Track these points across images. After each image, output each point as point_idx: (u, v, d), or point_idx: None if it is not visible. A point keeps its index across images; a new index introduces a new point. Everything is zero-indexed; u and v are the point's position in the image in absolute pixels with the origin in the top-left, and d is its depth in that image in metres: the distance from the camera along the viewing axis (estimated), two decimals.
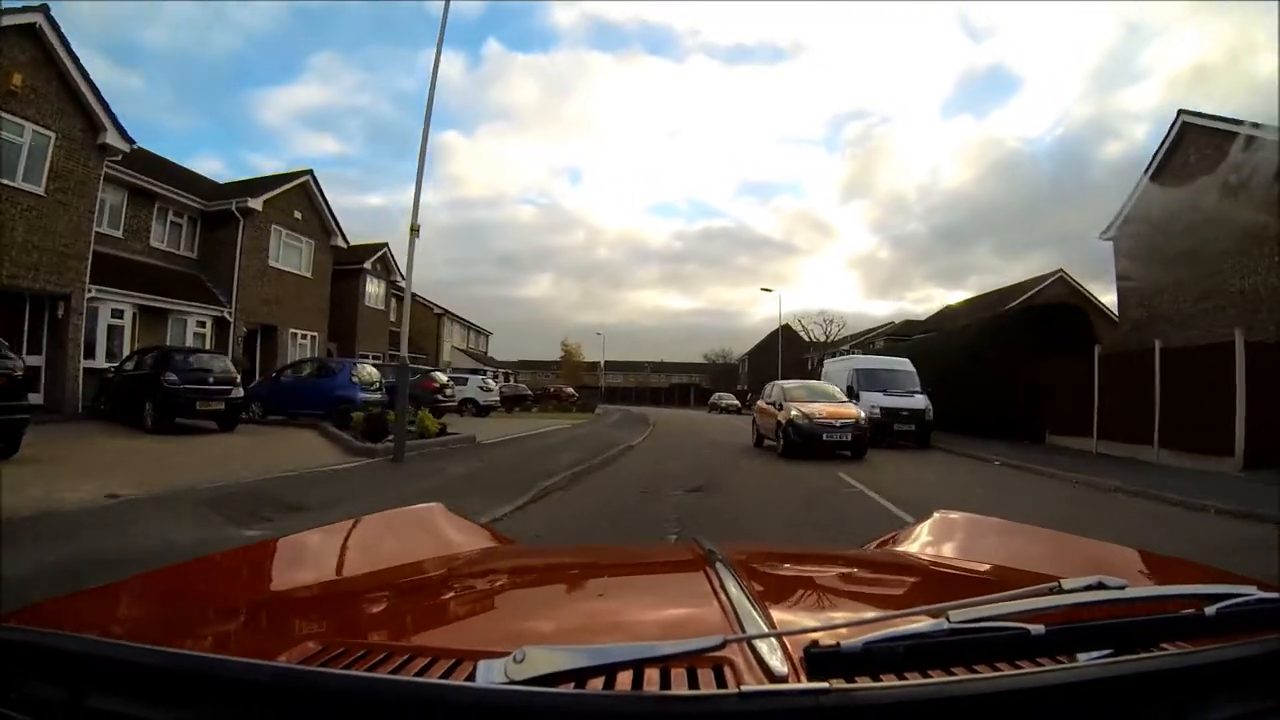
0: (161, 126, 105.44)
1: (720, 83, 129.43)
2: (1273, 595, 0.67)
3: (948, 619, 0.59)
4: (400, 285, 29.52)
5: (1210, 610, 0.64)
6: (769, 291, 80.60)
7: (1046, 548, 1.41)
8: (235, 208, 18.10)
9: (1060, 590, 0.67)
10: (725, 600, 0.87)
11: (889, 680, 0.59)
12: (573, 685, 0.56)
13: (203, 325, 17.37)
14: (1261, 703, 0.60)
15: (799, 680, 0.60)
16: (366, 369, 14.09)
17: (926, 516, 1.70)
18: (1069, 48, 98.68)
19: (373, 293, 25.61)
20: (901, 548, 1.58)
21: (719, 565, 1.03)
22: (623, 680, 0.60)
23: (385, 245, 25.73)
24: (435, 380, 15.78)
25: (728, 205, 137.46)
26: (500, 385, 29.66)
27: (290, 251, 20.16)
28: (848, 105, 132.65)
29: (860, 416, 11.92)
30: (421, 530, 1.56)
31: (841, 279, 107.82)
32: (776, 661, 0.64)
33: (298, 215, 20.34)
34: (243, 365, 17.77)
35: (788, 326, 46.00)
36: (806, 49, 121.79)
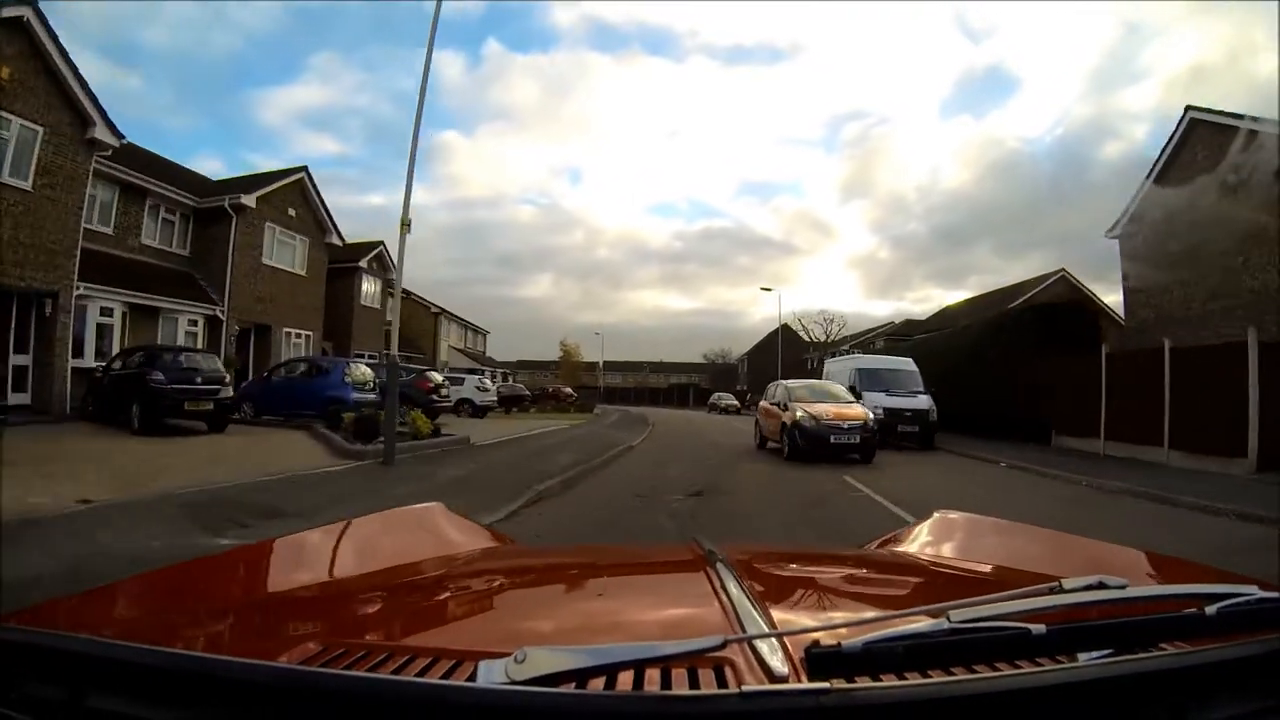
0: (161, 126, 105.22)
1: (719, 83, 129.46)
2: (1273, 595, 0.67)
3: (948, 619, 0.59)
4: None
5: (1211, 610, 0.64)
6: (769, 291, 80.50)
7: (1046, 548, 1.40)
8: (228, 204, 17.84)
9: (1060, 590, 0.67)
10: (725, 600, 0.87)
11: (889, 680, 0.58)
12: (574, 685, 0.56)
13: (194, 324, 17.09)
14: (1262, 702, 0.60)
15: (800, 680, 0.59)
16: (360, 369, 13.80)
17: (927, 516, 1.69)
18: (1068, 48, 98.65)
19: (369, 291, 25.32)
20: (902, 548, 1.58)
21: (719, 565, 1.02)
22: (624, 680, 0.60)
23: (381, 244, 25.44)
24: (430, 380, 15.47)
25: (727, 205, 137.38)
26: (498, 385, 29.40)
27: (284, 249, 19.88)
28: (846, 106, 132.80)
29: (869, 418, 11.41)
30: (421, 530, 1.56)
31: (841, 279, 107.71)
32: (777, 662, 0.64)
33: (292, 212, 20.07)
34: (235, 365, 17.54)
35: (787, 326, 45.82)
36: (805, 49, 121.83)
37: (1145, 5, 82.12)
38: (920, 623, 0.61)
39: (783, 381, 14.01)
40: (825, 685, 0.54)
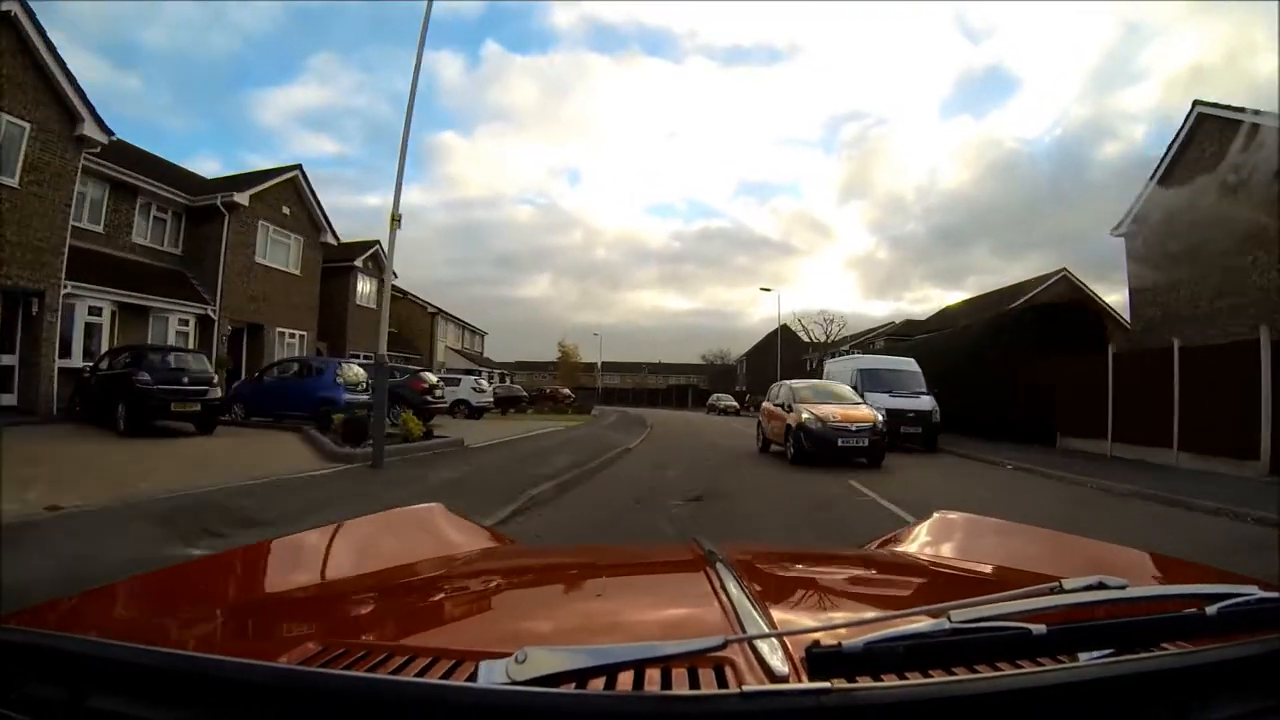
0: (160, 127, 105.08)
1: (718, 84, 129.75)
2: (1273, 595, 0.66)
3: (949, 619, 0.59)
4: (393, 283, 29.07)
5: (1211, 610, 0.63)
6: (768, 291, 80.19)
7: (1047, 548, 1.39)
8: (220, 202, 17.59)
9: (1061, 590, 0.66)
10: (726, 600, 0.87)
11: (890, 680, 0.58)
12: (574, 685, 0.56)
13: (185, 324, 16.83)
14: (1262, 702, 0.59)
15: (800, 680, 0.59)
16: (353, 369, 13.53)
17: (927, 517, 1.68)
18: (1067, 48, 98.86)
19: (364, 291, 25.02)
20: (902, 548, 1.57)
21: (719, 565, 1.02)
22: (624, 680, 0.59)
23: (377, 243, 25.12)
24: (424, 380, 15.20)
25: (726, 206, 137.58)
26: (494, 386, 29.13)
27: (278, 248, 19.62)
28: (845, 106, 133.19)
29: (878, 420, 10.91)
30: (421, 530, 1.55)
31: (840, 279, 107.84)
32: (778, 661, 0.64)
33: (286, 211, 19.82)
34: (227, 365, 17.29)
35: (786, 327, 45.64)
36: (803, 50, 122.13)
37: (1145, 5, 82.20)
38: (921, 623, 0.61)
39: (787, 381, 13.52)
40: (826, 685, 0.53)
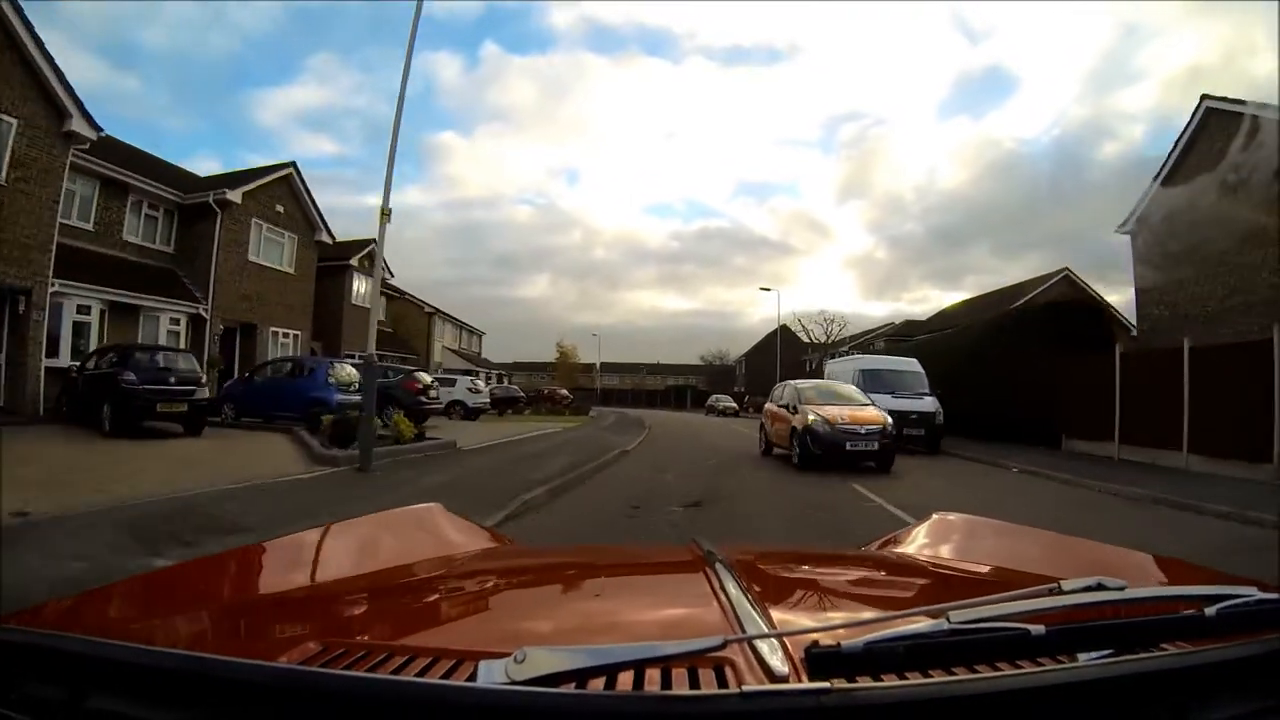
0: (160, 127, 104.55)
1: (717, 84, 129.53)
2: (1273, 596, 0.66)
3: (948, 619, 0.59)
4: (390, 282, 28.77)
5: (1210, 611, 0.63)
6: (768, 290, 79.97)
7: (1046, 549, 1.39)
8: (212, 200, 17.33)
9: (1060, 591, 0.66)
10: (725, 600, 0.86)
11: (890, 680, 0.58)
12: (574, 686, 0.56)
13: (177, 323, 16.55)
14: (1262, 703, 0.59)
15: (800, 680, 0.59)
16: (345, 369, 13.24)
17: (926, 517, 1.67)
18: (1066, 49, 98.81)
19: (360, 290, 24.68)
20: (901, 548, 1.56)
21: (718, 565, 1.01)
22: (624, 680, 0.59)
23: (372, 241, 24.82)
24: (419, 381, 14.91)
25: (724, 206, 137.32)
26: (491, 387, 28.87)
27: (272, 246, 19.35)
28: (844, 106, 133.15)
29: (887, 423, 10.42)
30: (421, 530, 1.55)
31: (838, 279, 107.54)
32: (777, 662, 0.63)
33: (280, 209, 19.55)
34: (219, 365, 17.03)
35: (785, 327, 45.37)
36: (803, 50, 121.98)
37: (1143, 5, 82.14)
38: (920, 623, 0.60)
39: (791, 382, 13.07)
40: (826, 685, 0.53)
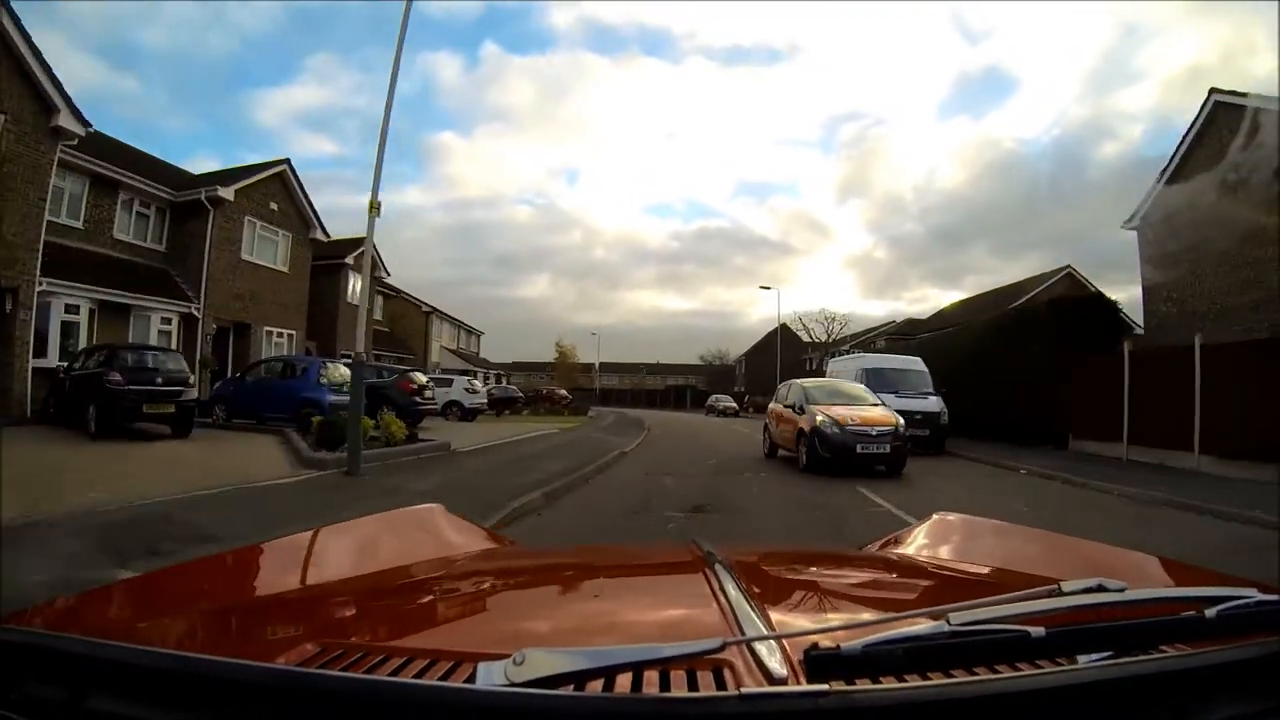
0: (159, 128, 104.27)
1: (717, 84, 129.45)
2: (1272, 597, 0.66)
3: (947, 621, 0.59)
4: (387, 281, 28.49)
5: (1210, 612, 0.63)
6: (768, 289, 79.65)
7: (1046, 549, 1.38)
8: (204, 197, 17.05)
9: (1060, 592, 0.66)
10: (724, 602, 0.86)
11: (889, 682, 0.58)
12: (572, 687, 0.56)
13: (168, 322, 16.27)
14: (1262, 704, 0.59)
15: (798, 682, 0.59)
16: (338, 369, 12.94)
17: (926, 518, 1.67)
18: (1065, 49, 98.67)
19: (356, 289, 24.45)
20: (901, 549, 1.55)
21: (718, 566, 1.01)
22: (622, 682, 0.59)
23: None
24: (413, 381, 14.63)
25: (724, 205, 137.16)
26: (489, 387, 28.59)
27: (265, 244, 19.07)
28: (843, 107, 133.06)
29: (899, 424, 9.88)
30: (420, 531, 1.55)
31: (838, 279, 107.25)
32: (776, 663, 0.63)
33: (274, 206, 19.27)
34: (211, 365, 16.76)
35: (785, 326, 45.06)
36: (802, 51, 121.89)
37: (1143, 5, 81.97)
38: (920, 625, 0.60)
39: (797, 381, 12.56)
40: (824, 687, 0.53)
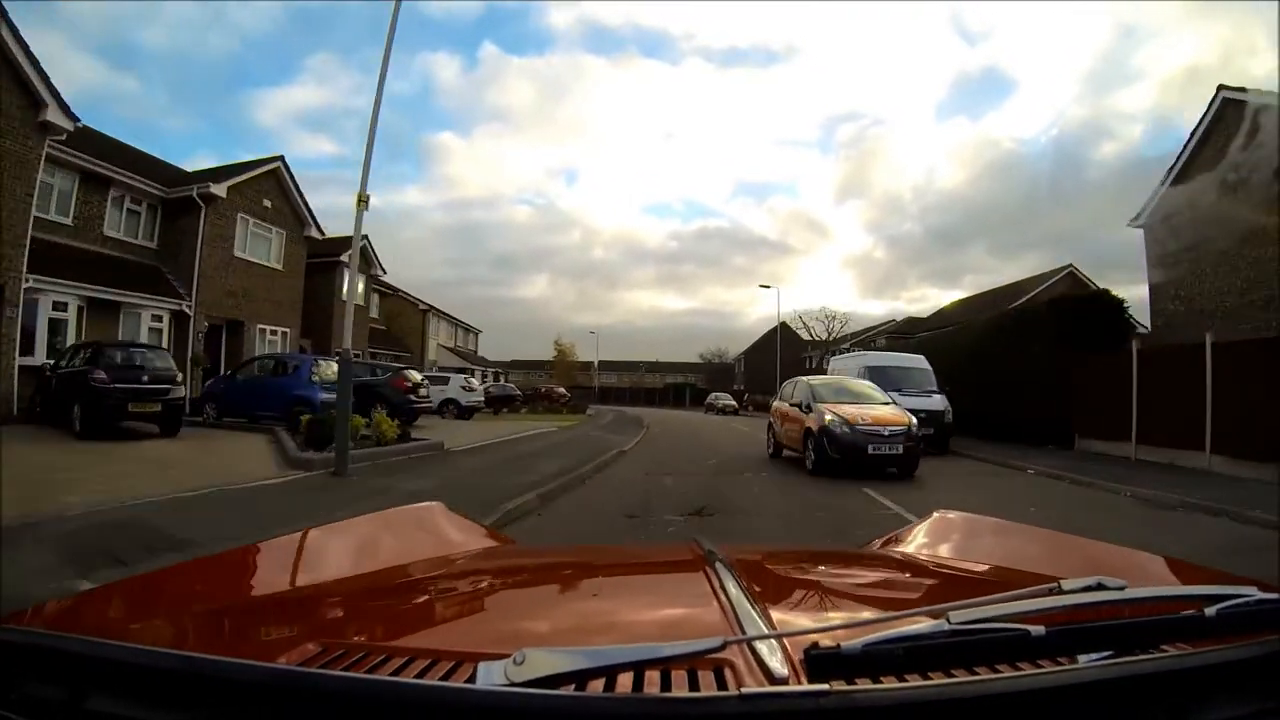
0: (159, 128, 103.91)
1: (715, 85, 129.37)
2: (1272, 596, 0.66)
3: (948, 620, 0.58)
4: (384, 279, 28.23)
5: (1210, 611, 0.63)
6: (767, 288, 79.39)
7: (1046, 548, 1.37)
8: (196, 194, 16.80)
9: (1060, 591, 0.66)
10: (725, 601, 0.86)
11: (889, 682, 0.58)
12: (573, 687, 0.55)
13: (159, 320, 16.02)
14: (1262, 704, 0.59)
15: (799, 682, 0.59)
16: (330, 366, 12.71)
17: (927, 516, 1.67)
18: (1064, 50, 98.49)
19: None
20: (901, 548, 1.54)
21: (718, 565, 1.01)
22: (623, 682, 0.59)
23: (365, 237, 24.32)
24: (408, 379, 14.39)
25: (723, 206, 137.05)
26: (487, 385, 28.33)
27: (259, 242, 18.82)
28: (842, 107, 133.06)
29: (912, 423, 9.41)
30: (421, 530, 1.54)
31: (837, 279, 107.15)
32: (776, 663, 0.63)
33: (267, 204, 19.02)
34: (203, 363, 16.52)
35: (785, 325, 44.80)
36: (800, 52, 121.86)
37: (1142, 6, 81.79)
38: (920, 624, 0.60)
39: (803, 378, 12.21)
40: (825, 687, 0.53)
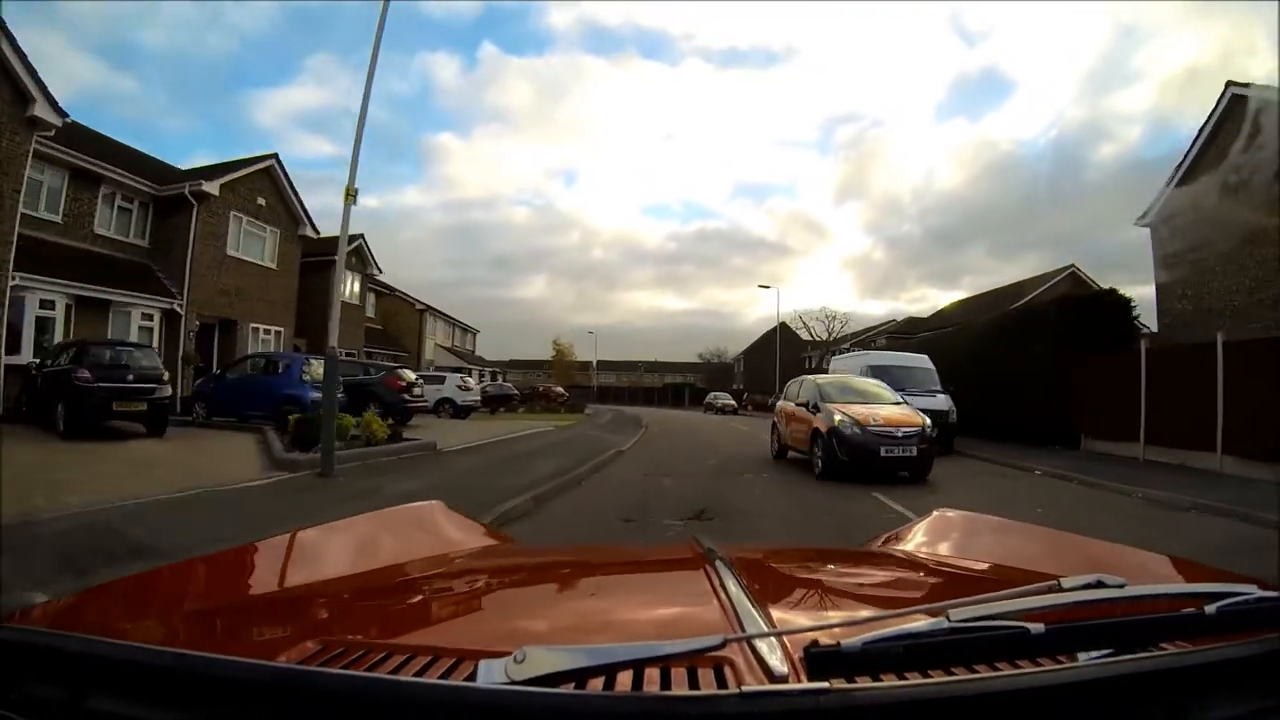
0: (158, 128, 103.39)
1: (714, 86, 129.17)
2: (1272, 594, 0.66)
3: (947, 618, 0.58)
4: (380, 279, 27.99)
5: (1210, 609, 0.63)
6: (767, 288, 79.26)
7: (1045, 546, 1.37)
8: (188, 191, 16.56)
9: (1060, 589, 0.66)
10: (725, 599, 0.86)
11: (889, 680, 0.58)
12: (573, 685, 0.55)
13: (150, 318, 15.76)
14: (1261, 702, 0.59)
15: (799, 680, 0.59)
16: (322, 365, 12.52)
17: (926, 514, 1.67)
18: (1063, 51, 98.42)
19: (350, 286, 23.95)
20: (901, 546, 1.54)
21: (718, 564, 1.01)
22: (623, 680, 0.59)
23: (360, 236, 24.12)
24: (402, 378, 14.16)
25: (722, 207, 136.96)
26: (484, 384, 28.09)
27: (252, 240, 18.57)
28: (841, 108, 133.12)
29: (925, 424, 8.94)
30: (420, 529, 1.54)
31: (836, 280, 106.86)
32: (776, 661, 0.63)
33: (261, 202, 18.77)
34: (195, 362, 16.27)
35: (785, 325, 44.58)
36: (800, 52, 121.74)
37: (1140, 6, 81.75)
38: (919, 622, 0.60)
39: (809, 377, 11.80)
40: (825, 685, 0.53)
